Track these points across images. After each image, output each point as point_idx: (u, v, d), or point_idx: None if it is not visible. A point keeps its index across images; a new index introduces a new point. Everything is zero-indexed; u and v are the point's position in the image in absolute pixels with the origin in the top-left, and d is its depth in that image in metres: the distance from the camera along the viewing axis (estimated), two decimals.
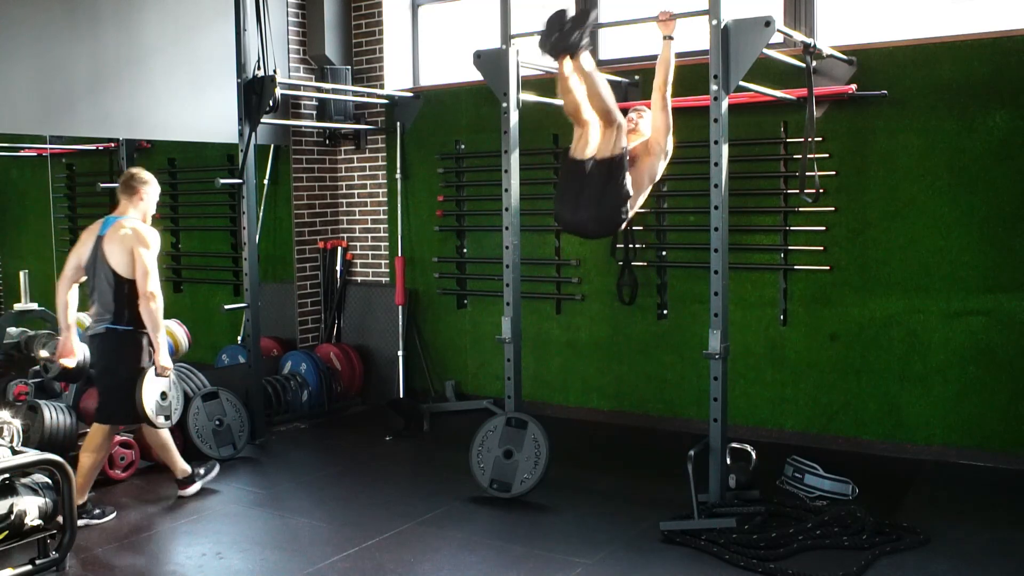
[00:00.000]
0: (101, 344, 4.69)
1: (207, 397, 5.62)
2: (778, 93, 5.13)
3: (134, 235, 4.63)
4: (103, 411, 4.73)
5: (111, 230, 4.68)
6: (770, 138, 5.68)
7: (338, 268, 7.34)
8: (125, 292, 4.62)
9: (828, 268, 5.56)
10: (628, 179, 4.31)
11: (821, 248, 5.57)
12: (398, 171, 7.11)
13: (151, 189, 4.81)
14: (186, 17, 6.11)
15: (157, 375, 4.70)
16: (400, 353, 6.99)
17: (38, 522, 3.93)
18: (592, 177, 4.28)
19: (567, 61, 4.18)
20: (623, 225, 4.48)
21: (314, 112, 7.19)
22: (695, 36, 5.13)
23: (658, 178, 4.68)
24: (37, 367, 5.29)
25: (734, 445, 4.71)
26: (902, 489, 4.86)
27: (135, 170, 4.86)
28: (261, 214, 7.00)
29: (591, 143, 4.31)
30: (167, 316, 6.00)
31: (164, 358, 4.70)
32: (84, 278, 4.75)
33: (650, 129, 4.61)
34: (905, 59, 5.29)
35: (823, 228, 5.55)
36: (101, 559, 4.16)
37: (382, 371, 7.16)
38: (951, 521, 4.38)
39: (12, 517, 3.84)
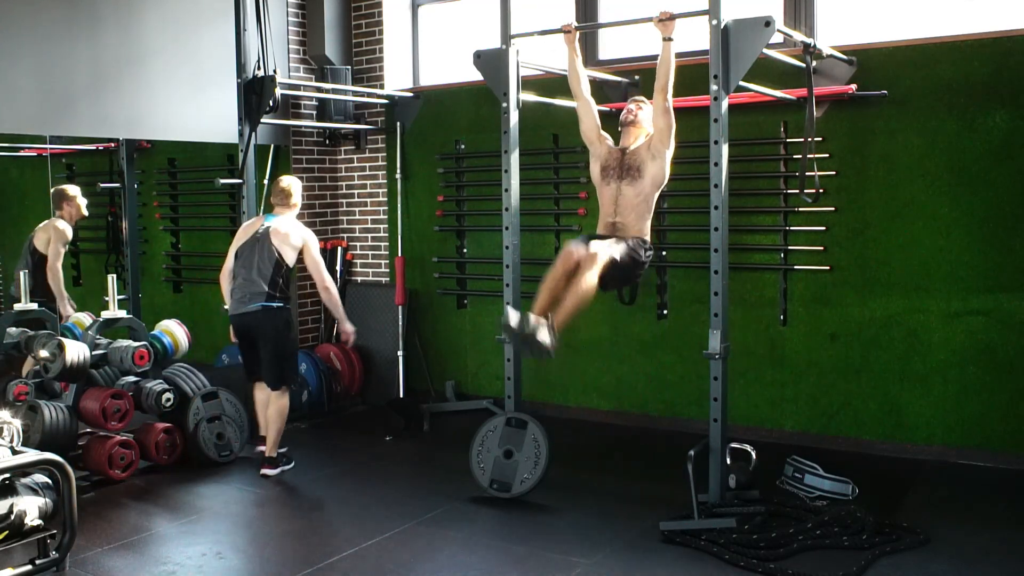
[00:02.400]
0: (262, 320, 5.38)
1: (207, 397, 5.62)
2: (778, 93, 5.13)
3: (303, 233, 5.46)
4: (276, 379, 5.42)
5: (276, 222, 5.47)
6: (770, 138, 5.68)
7: (338, 268, 7.33)
8: (281, 274, 5.40)
9: (828, 268, 5.56)
10: (640, 252, 4.63)
11: (821, 248, 5.57)
12: (398, 171, 7.11)
13: (300, 192, 5.65)
14: (186, 17, 6.11)
15: (342, 341, 5.76)
16: (400, 353, 6.99)
17: (38, 522, 3.93)
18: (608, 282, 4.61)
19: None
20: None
21: (314, 112, 7.19)
22: (695, 36, 5.12)
23: (667, 179, 4.71)
24: (37, 367, 5.29)
25: (734, 445, 4.71)
26: (902, 489, 4.86)
27: (284, 183, 5.58)
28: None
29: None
30: (166, 316, 6.02)
31: (348, 326, 5.66)
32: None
33: (650, 123, 4.69)
34: (905, 59, 5.29)
35: (823, 228, 5.55)
36: (101, 559, 4.16)
37: (382, 371, 7.16)
38: (951, 521, 4.38)
39: (12, 517, 3.83)
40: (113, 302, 5.53)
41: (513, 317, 4.45)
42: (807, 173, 5.02)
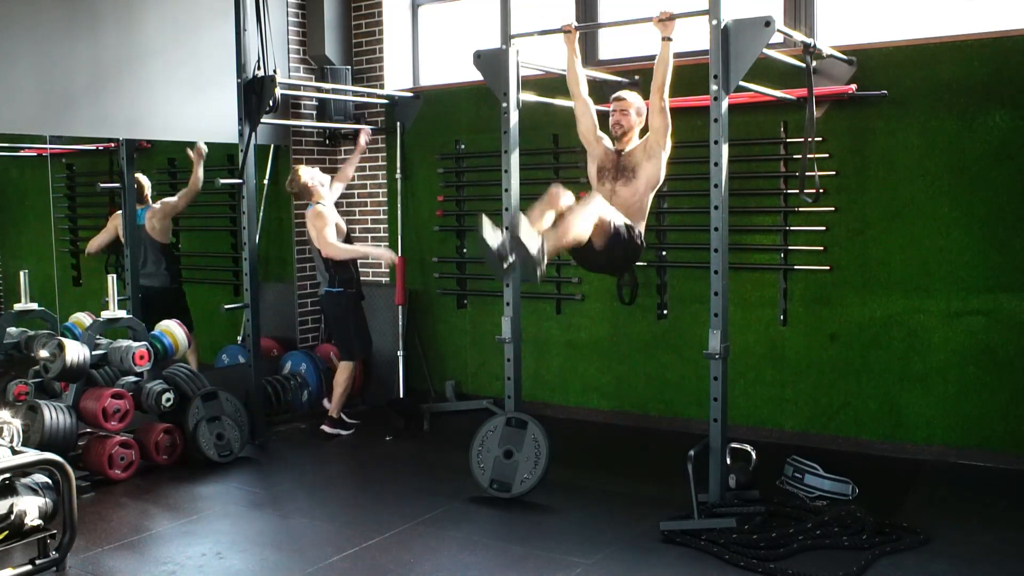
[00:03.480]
0: (327, 303, 6.35)
1: (207, 397, 5.62)
2: (778, 93, 5.13)
3: (312, 216, 6.13)
4: (342, 352, 6.39)
5: (308, 215, 6.21)
6: (770, 138, 5.69)
7: None
8: (323, 259, 6.13)
9: (828, 268, 5.56)
10: (637, 235, 4.64)
11: (821, 248, 5.57)
12: (398, 171, 7.11)
13: (316, 182, 6.20)
14: (186, 17, 6.11)
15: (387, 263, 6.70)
16: (400, 353, 6.99)
17: (38, 522, 3.93)
18: (602, 253, 4.55)
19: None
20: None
21: (314, 112, 7.19)
22: (695, 36, 5.12)
23: (661, 180, 4.71)
24: (37, 367, 5.29)
25: (734, 445, 4.71)
26: (902, 489, 4.86)
27: (301, 177, 6.18)
28: (261, 214, 6.99)
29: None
30: (167, 316, 6.03)
31: (377, 252, 6.43)
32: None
33: (636, 118, 4.74)
34: (905, 59, 5.29)
35: (823, 228, 5.55)
36: (101, 559, 4.16)
37: (382, 371, 7.16)
38: (951, 521, 4.38)
39: (12, 517, 3.84)
40: (113, 302, 5.52)
41: (489, 227, 4.02)
42: (807, 173, 5.02)
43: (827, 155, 5.47)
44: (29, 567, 3.87)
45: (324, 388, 6.79)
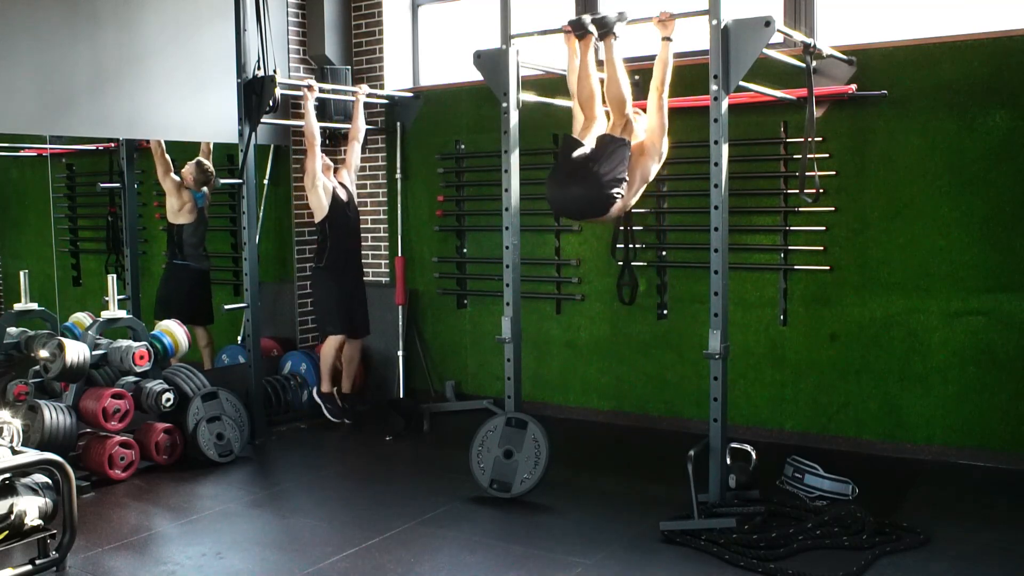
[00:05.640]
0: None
1: (207, 397, 5.62)
2: (778, 93, 5.13)
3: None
4: (319, 328, 6.75)
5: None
6: (770, 138, 5.69)
7: None
8: (318, 236, 6.45)
9: (828, 268, 5.56)
10: (626, 160, 4.42)
11: (821, 248, 5.57)
12: (398, 171, 7.11)
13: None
14: (186, 17, 6.11)
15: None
16: (400, 353, 6.99)
17: (38, 522, 3.93)
18: (589, 153, 4.43)
19: (588, 44, 4.54)
20: (612, 211, 4.51)
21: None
22: (695, 36, 5.12)
23: (651, 179, 4.72)
24: (37, 367, 5.29)
25: (734, 445, 4.71)
26: (902, 489, 4.86)
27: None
28: (261, 214, 6.99)
29: (593, 135, 4.51)
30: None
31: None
32: None
33: (644, 132, 4.66)
34: (905, 59, 5.29)
35: (823, 228, 5.55)
36: (101, 559, 4.16)
37: (382, 371, 7.16)
38: (951, 521, 4.38)
39: (12, 517, 3.84)
40: (113, 302, 5.52)
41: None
42: (807, 173, 5.02)
43: (827, 155, 5.47)
44: (29, 567, 3.87)
45: None
